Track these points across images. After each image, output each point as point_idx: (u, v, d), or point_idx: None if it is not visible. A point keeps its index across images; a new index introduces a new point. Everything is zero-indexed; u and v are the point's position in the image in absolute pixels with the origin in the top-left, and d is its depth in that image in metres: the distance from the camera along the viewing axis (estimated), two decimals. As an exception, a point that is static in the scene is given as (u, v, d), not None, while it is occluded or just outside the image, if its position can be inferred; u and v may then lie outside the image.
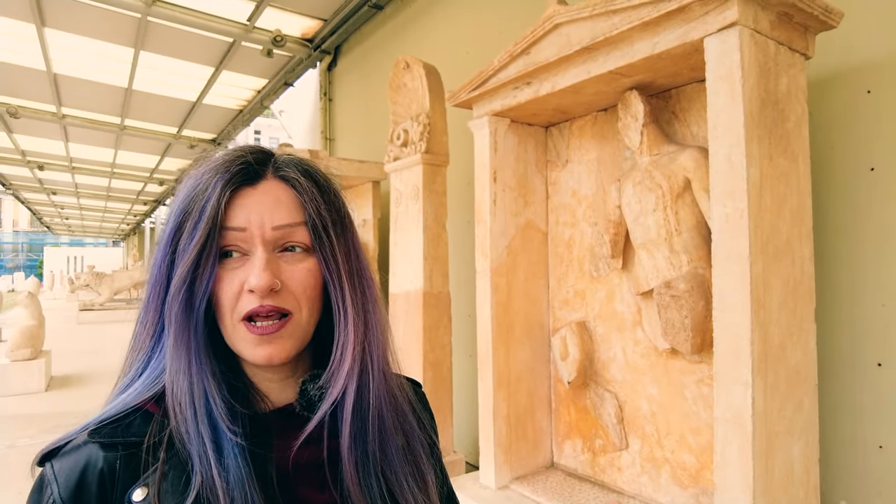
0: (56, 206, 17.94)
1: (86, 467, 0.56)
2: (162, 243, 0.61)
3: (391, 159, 2.92)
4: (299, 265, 0.62)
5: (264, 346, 0.60)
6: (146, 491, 0.54)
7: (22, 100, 6.76)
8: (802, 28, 1.48)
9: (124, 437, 0.57)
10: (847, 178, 1.74)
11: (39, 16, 4.50)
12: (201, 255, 0.58)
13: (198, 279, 0.59)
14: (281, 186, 0.63)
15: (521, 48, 1.91)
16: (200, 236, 0.58)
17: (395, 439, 0.67)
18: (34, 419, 5.04)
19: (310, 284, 0.62)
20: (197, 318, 0.59)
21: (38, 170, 10.76)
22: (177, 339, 0.59)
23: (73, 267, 32.59)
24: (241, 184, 0.62)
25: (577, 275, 2.20)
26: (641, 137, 1.80)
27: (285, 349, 0.61)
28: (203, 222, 0.58)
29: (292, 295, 0.61)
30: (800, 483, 1.42)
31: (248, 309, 0.59)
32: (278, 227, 0.61)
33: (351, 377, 0.63)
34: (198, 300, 0.59)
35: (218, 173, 0.61)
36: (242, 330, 0.60)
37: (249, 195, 0.61)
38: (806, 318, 1.46)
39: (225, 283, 0.60)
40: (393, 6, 4.50)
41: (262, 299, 0.58)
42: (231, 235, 0.60)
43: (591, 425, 2.12)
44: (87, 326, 12.77)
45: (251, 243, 0.60)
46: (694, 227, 1.68)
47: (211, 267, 0.59)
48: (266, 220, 0.60)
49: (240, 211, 0.60)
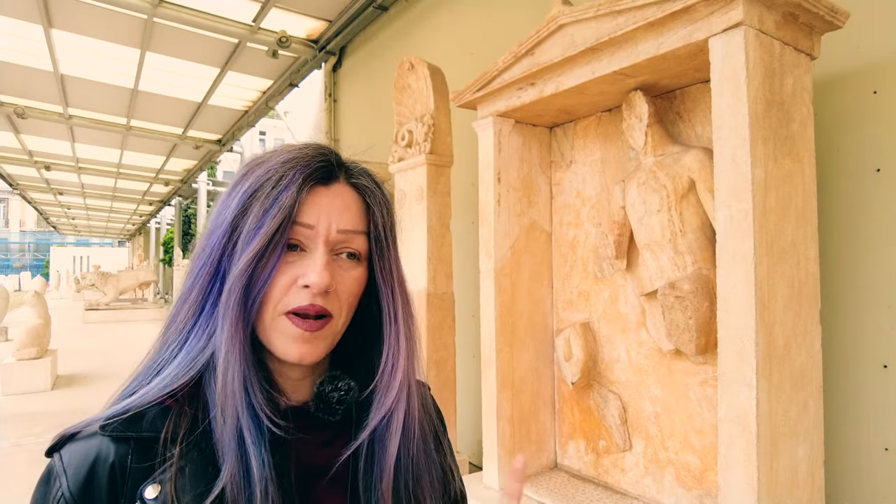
0: (62, 206, 18.05)
1: (96, 460, 0.54)
2: (221, 225, 0.59)
3: (395, 160, 2.92)
4: (351, 272, 0.63)
5: (301, 343, 0.59)
6: (159, 488, 0.53)
7: (29, 100, 6.81)
8: (808, 28, 1.48)
9: (137, 432, 0.55)
10: (852, 179, 1.73)
11: (47, 17, 4.53)
12: (269, 244, 0.57)
13: (259, 269, 0.58)
14: (351, 192, 0.64)
15: (526, 49, 1.91)
16: (272, 226, 0.57)
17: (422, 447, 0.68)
18: (40, 418, 5.07)
19: (353, 293, 0.63)
20: (251, 309, 0.58)
21: (44, 170, 10.83)
22: (233, 329, 0.57)
23: (78, 267, 32.76)
24: (318, 182, 0.61)
25: (581, 276, 2.20)
26: (646, 138, 1.79)
27: (318, 350, 0.61)
28: (276, 211, 0.57)
29: (338, 299, 0.61)
30: (804, 485, 1.41)
31: (297, 304, 0.58)
32: (343, 231, 0.61)
33: (403, 389, 0.64)
34: (257, 290, 0.58)
35: (297, 166, 0.60)
36: (284, 323, 0.59)
37: (323, 194, 0.61)
38: (811, 320, 1.45)
39: (279, 275, 0.59)
40: (397, 7, 4.51)
41: (314, 297, 0.58)
42: (299, 230, 0.59)
43: (594, 426, 2.12)
44: (92, 326, 12.83)
45: (314, 241, 0.60)
46: (698, 228, 1.68)
47: (277, 258, 0.58)
48: (334, 222, 0.60)
49: (312, 208, 0.60)
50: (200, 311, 0.60)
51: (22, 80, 6.05)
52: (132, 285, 15.33)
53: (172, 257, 17.18)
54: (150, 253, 23.50)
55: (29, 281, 27.94)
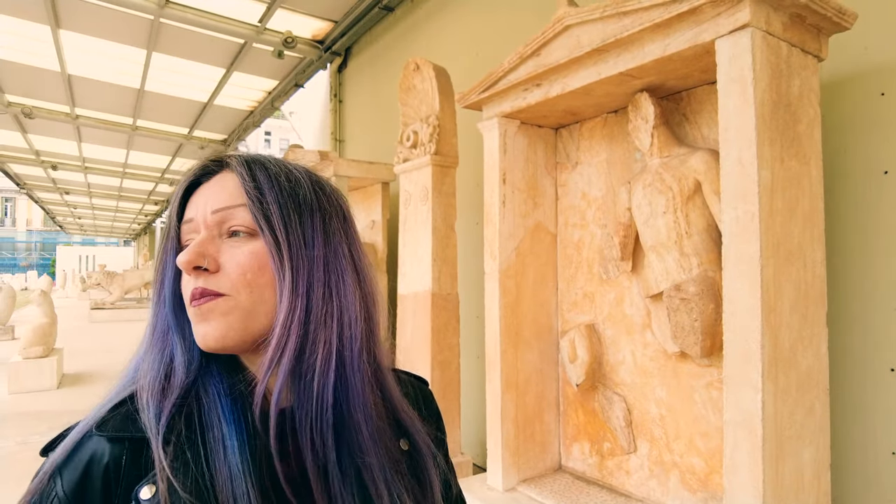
0: (69, 205, 18.14)
1: (90, 461, 0.54)
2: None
3: (401, 160, 2.92)
4: (243, 247, 0.61)
5: (200, 324, 0.59)
6: (154, 489, 0.53)
7: (36, 100, 6.85)
8: (815, 30, 1.47)
9: (132, 432, 0.55)
10: (860, 181, 1.72)
11: (54, 18, 4.56)
12: (165, 245, 0.65)
13: (165, 273, 0.64)
14: (228, 176, 0.64)
15: (532, 50, 1.91)
16: (164, 234, 0.65)
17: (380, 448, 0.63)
18: (46, 416, 5.10)
19: (251, 268, 0.60)
20: (164, 307, 0.63)
21: (51, 169, 10.88)
22: (154, 330, 0.63)
23: (84, 266, 32.90)
24: (196, 182, 0.65)
25: (586, 277, 2.19)
26: (652, 139, 1.79)
27: (220, 329, 0.58)
28: (168, 222, 0.65)
29: (228, 278, 0.59)
30: (810, 489, 1.40)
31: (186, 292, 0.61)
32: (217, 210, 0.62)
33: (278, 366, 0.59)
34: (164, 292, 0.63)
35: (182, 179, 0.66)
36: (190, 313, 0.61)
37: (201, 190, 0.64)
38: (817, 322, 1.45)
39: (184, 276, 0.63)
40: (403, 8, 4.51)
41: (194, 281, 0.59)
42: (185, 228, 0.63)
43: (599, 428, 2.12)
44: (98, 325, 12.88)
45: (198, 232, 0.62)
46: (704, 230, 1.67)
47: (172, 259, 0.64)
48: (208, 205, 0.62)
49: (191, 205, 0.64)
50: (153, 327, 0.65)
51: (29, 80, 6.09)
52: (137, 284, 15.39)
53: (177, 257, 17.19)
54: (156, 252, 23.56)
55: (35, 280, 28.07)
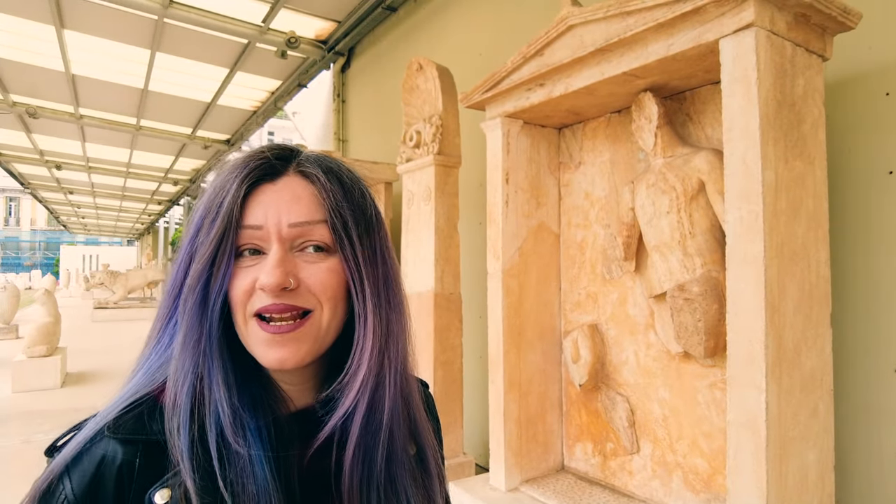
0: (73, 205, 18.20)
1: (102, 463, 0.53)
2: (183, 244, 0.60)
3: (403, 160, 2.92)
4: (320, 264, 0.59)
5: (277, 347, 0.57)
6: (169, 493, 0.52)
7: (41, 100, 6.87)
8: (820, 29, 1.47)
9: (146, 435, 0.54)
10: (864, 181, 1.72)
11: (59, 18, 4.57)
12: (217, 252, 0.56)
13: (213, 277, 0.56)
14: (301, 183, 0.61)
15: (535, 50, 1.91)
16: (216, 234, 0.56)
17: (402, 454, 0.64)
18: (49, 415, 5.11)
19: (331, 284, 0.59)
20: (211, 319, 0.57)
21: (55, 169, 10.92)
22: (186, 337, 0.57)
23: (88, 265, 32.99)
24: (260, 181, 0.60)
25: (589, 277, 2.19)
26: (655, 139, 1.79)
27: (300, 352, 0.58)
28: (219, 220, 0.57)
29: (311, 293, 0.58)
30: (814, 490, 1.40)
31: (260, 305, 0.56)
32: (295, 225, 0.58)
33: (365, 388, 0.60)
34: (212, 299, 0.57)
35: (237, 170, 0.59)
36: (255, 328, 0.57)
37: (268, 192, 0.59)
38: (821, 323, 1.44)
39: (238, 280, 0.57)
40: (406, 8, 4.51)
41: (275, 297, 0.56)
42: (247, 234, 0.58)
43: (602, 429, 2.11)
44: (101, 324, 12.92)
45: (267, 241, 0.58)
46: (708, 230, 1.67)
47: (226, 265, 0.57)
48: (283, 217, 0.58)
49: (257, 208, 0.58)
50: (166, 324, 0.61)
51: (34, 80, 6.11)
52: (141, 284, 15.43)
53: (181, 257, 17.24)
54: (159, 252, 23.63)
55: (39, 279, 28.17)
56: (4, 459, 4.01)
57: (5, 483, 3.57)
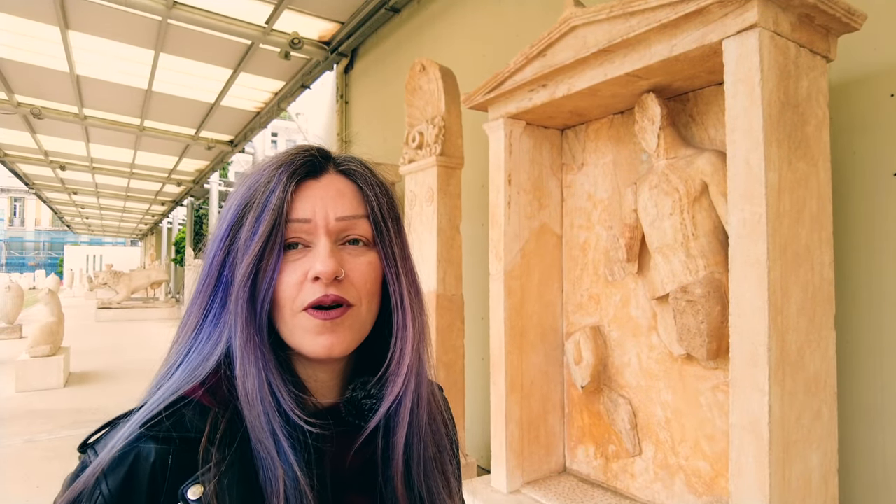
0: (76, 205, 18.26)
1: (136, 460, 0.53)
2: (217, 238, 0.61)
3: (406, 161, 2.92)
4: (361, 258, 0.62)
5: (327, 334, 0.59)
6: (202, 489, 0.52)
7: (45, 101, 6.90)
8: (824, 30, 1.46)
9: (179, 432, 0.55)
10: (868, 182, 1.71)
11: (63, 19, 4.59)
12: (265, 247, 0.58)
13: (261, 272, 0.58)
14: (343, 180, 0.64)
15: (538, 50, 1.91)
16: (265, 228, 0.58)
17: (430, 446, 0.67)
18: (52, 415, 5.12)
19: (370, 278, 0.62)
20: (261, 314, 0.58)
21: (59, 169, 10.96)
22: (245, 333, 0.58)
23: (92, 265, 33.11)
24: (306, 176, 0.62)
25: (591, 279, 2.19)
26: (658, 140, 1.78)
27: (346, 340, 0.60)
28: (268, 214, 0.58)
29: (353, 287, 0.60)
30: (818, 493, 1.39)
31: (313, 298, 0.58)
32: (342, 219, 0.61)
33: (411, 375, 0.63)
34: (262, 293, 0.58)
35: (282, 166, 0.61)
36: (305, 318, 0.58)
37: (313, 187, 0.61)
38: (825, 325, 1.43)
39: (286, 275, 0.59)
40: (409, 9, 4.52)
41: (326, 287, 0.58)
42: (295, 227, 0.59)
43: (604, 431, 2.11)
44: (104, 324, 12.96)
45: (315, 234, 0.60)
46: (711, 232, 1.66)
47: (276, 259, 0.58)
48: (330, 211, 0.60)
49: (304, 203, 0.60)
50: (204, 320, 0.61)
51: (38, 80, 6.13)
52: (144, 284, 15.48)
53: (184, 257, 17.31)
54: (162, 252, 23.69)
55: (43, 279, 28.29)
56: (7, 459, 4.02)
57: (9, 482, 3.58)
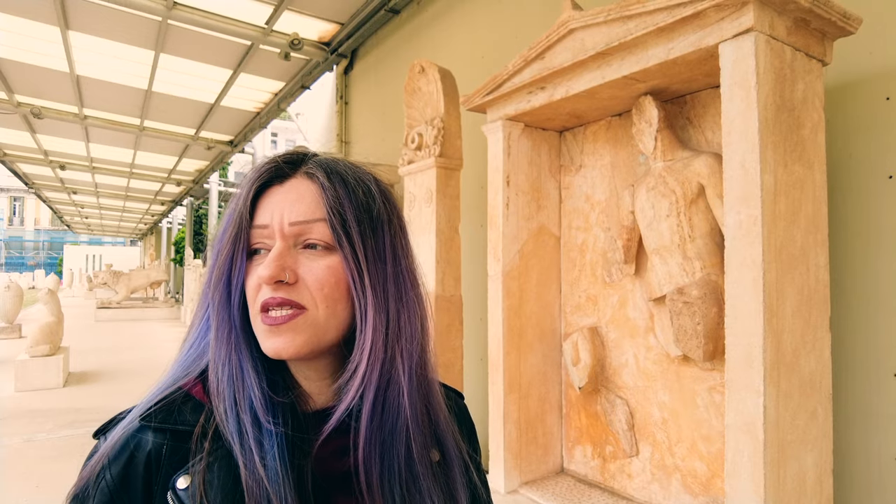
0: (76, 205, 18.26)
1: (136, 448, 0.58)
2: (212, 243, 0.66)
3: (405, 162, 2.93)
4: (319, 262, 0.61)
5: (273, 337, 0.60)
6: (190, 480, 0.56)
7: (45, 101, 6.90)
8: (820, 34, 1.47)
9: (174, 424, 0.59)
10: (864, 185, 1.72)
11: (64, 19, 4.60)
12: (234, 251, 0.62)
13: (231, 275, 0.62)
14: (305, 183, 0.64)
15: (536, 53, 1.92)
16: (231, 234, 0.62)
17: (425, 456, 0.65)
18: (52, 414, 5.13)
19: (328, 282, 0.61)
20: (232, 312, 0.62)
21: (59, 169, 10.96)
22: (218, 330, 0.62)
23: (91, 265, 33.10)
24: (269, 183, 0.64)
25: (589, 280, 2.20)
26: (656, 143, 1.79)
27: (294, 343, 0.60)
28: (233, 220, 0.62)
29: (308, 290, 0.60)
30: (812, 494, 1.40)
31: (262, 299, 0.60)
32: (295, 223, 0.61)
33: (369, 385, 0.62)
34: (233, 294, 0.62)
35: (251, 175, 0.64)
36: (258, 321, 0.61)
37: (276, 193, 0.63)
38: (820, 327, 1.44)
39: (249, 278, 0.62)
40: (409, 11, 4.52)
41: (274, 291, 0.59)
42: (256, 233, 0.62)
43: (601, 431, 2.12)
44: (104, 324, 12.96)
45: (273, 239, 0.61)
46: (707, 234, 1.67)
47: (241, 262, 0.62)
48: (285, 216, 0.61)
49: (265, 209, 0.63)
50: (202, 319, 0.66)
51: (38, 80, 6.14)
52: (143, 284, 15.48)
53: (183, 257, 17.32)
54: (162, 252, 23.68)
55: (43, 279, 28.28)
56: (7, 458, 4.03)
57: (8, 481, 3.59)
